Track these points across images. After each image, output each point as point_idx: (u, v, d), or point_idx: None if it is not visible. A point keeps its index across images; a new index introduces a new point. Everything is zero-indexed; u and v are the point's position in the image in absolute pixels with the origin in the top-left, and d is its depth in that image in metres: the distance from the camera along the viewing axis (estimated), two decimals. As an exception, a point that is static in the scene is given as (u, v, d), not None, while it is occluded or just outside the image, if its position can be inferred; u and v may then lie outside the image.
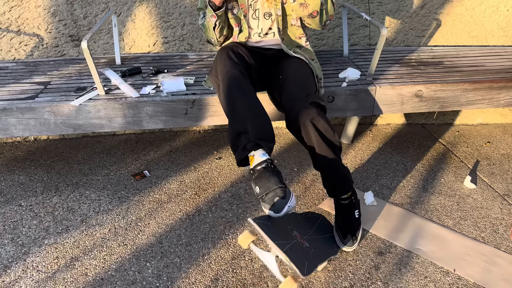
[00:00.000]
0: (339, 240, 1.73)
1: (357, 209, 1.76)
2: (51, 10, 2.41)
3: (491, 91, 2.20)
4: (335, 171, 1.67)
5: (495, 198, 2.12)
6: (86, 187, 2.17)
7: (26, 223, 1.91)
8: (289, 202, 1.41)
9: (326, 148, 1.61)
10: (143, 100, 1.95)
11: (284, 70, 1.82)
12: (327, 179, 1.71)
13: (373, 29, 2.70)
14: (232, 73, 1.59)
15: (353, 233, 1.73)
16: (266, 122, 1.55)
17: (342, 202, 1.74)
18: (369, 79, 2.18)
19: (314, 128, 1.59)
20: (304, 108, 1.60)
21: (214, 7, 1.77)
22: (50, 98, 1.95)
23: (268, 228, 1.45)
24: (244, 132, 1.50)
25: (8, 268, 1.67)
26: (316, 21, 1.85)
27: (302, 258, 1.46)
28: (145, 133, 2.74)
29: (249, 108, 1.52)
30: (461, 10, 2.69)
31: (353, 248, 1.74)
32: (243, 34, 1.91)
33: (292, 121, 1.65)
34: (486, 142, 2.66)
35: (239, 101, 1.54)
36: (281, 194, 1.40)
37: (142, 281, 1.61)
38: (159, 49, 2.60)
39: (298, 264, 1.40)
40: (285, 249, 1.43)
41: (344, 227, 1.73)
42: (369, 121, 2.88)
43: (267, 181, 1.43)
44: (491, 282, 1.62)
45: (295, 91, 1.69)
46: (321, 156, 1.63)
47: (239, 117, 1.52)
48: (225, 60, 1.66)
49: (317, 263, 1.51)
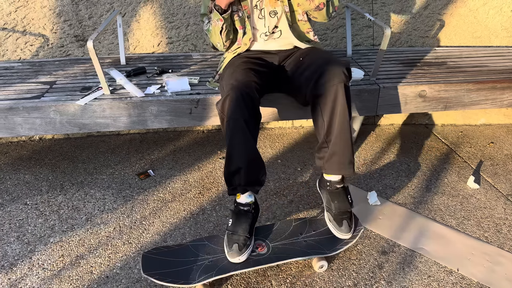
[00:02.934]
0: (335, 229, 1.66)
1: (349, 194, 1.72)
2: (57, 10, 2.43)
3: (495, 91, 2.20)
4: (346, 145, 1.62)
5: (498, 198, 2.12)
6: (91, 186, 2.18)
7: (31, 221, 1.93)
8: (242, 255, 1.57)
9: (347, 117, 1.60)
10: (148, 100, 1.96)
11: (305, 53, 1.84)
12: (333, 155, 1.64)
13: (376, 30, 2.71)
14: (236, 119, 1.58)
15: (349, 219, 1.67)
16: (258, 167, 1.65)
17: (337, 186, 1.69)
18: (372, 79, 2.19)
19: (345, 92, 1.58)
20: (341, 70, 1.60)
21: (220, 10, 1.78)
22: (56, 98, 1.97)
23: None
24: (238, 173, 1.62)
25: (14, 266, 1.68)
26: (323, 13, 1.85)
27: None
28: (149, 132, 2.76)
29: (246, 155, 1.60)
30: (464, 10, 2.69)
31: (350, 235, 1.66)
32: (247, 36, 1.92)
33: (324, 82, 1.61)
34: (490, 143, 2.67)
35: (238, 147, 1.60)
36: (241, 244, 1.58)
37: (146, 279, 1.62)
38: (164, 49, 2.61)
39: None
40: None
41: (339, 213, 1.66)
42: (372, 121, 2.88)
43: (239, 224, 1.62)
44: (495, 282, 1.63)
45: (329, 57, 1.70)
46: (340, 123, 1.60)
47: (235, 161, 1.60)
48: (234, 104, 1.58)
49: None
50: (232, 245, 1.58)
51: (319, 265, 1.66)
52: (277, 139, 2.67)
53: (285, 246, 1.67)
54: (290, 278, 1.64)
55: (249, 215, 1.65)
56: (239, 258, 1.57)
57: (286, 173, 2.31)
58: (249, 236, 1.61)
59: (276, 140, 2.66)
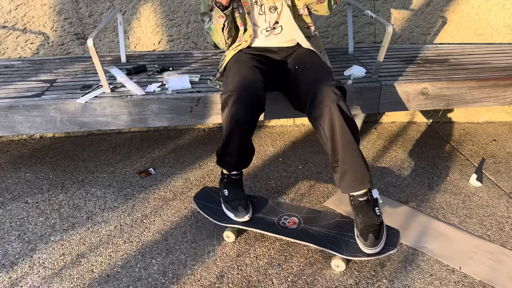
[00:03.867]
0: (361, 243, 1.59)
1: (377, 207, 1.63)
2: (57, 8, 2.42)
3: (497, 88, 2.19)
4: (356, 162, 1.58)
5: (501, 196, 2.11)
6: (92, 184, 2.18)
7: (32, 220, 1.92)
8: (248, 214, 1.75)
9: (349, 134, 1.57)
10: (149, 98, 1.95)
11: (301, 61, 1.84)
12: (345, 173, 1.61)
13: (378, 27, 2.69)
14: (238, 119, 1.64)
15: (376, 232, 1.57)
16: (248, 153, 1.79)
17: (359, 200, 1.62)
18: (374, 77, 2.17)
19: (339, 110, 1.57)
20: (330, 90, 1.61)
21: (221, 7, 1.77)
22: (56, 96, 1.96)
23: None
24: (229, 156, 1.76)
25: (15, 265, 1.68)
26: (325, 6, 1.84)
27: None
28: (150, 131, 2.75)
29: (240, 145, 1.72)
30: (466, 7, 2.67)
31: (377, 250, 1.57)
32: (248, 33, 1.91)
33: (317, 105, 1.62)
34: (492, 140, 2.65)
35: (234, 138, 1.69)
36: (244, 205, 1.76)
37: (147, 278, 1.62)
38: (164, 47, 2.60)
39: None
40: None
41: (364, 227, 1.58)
42: (374, 119, 2.87)
43: (236, 191, 1.80)
44: (497, 280, 1.62)
45: (318, 76, 1.70)
46: (343, 142, 1.57)
47: (230, 148, 1.73)
48: (242, 106, 1.63)
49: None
50: (237, 208, 1.75)
51: (335, 264, 1.65)
52: (279, 137, 2.66)
53: (314, 232, 1.72)
54: (292, 277, 1.63)
55: (241, 181, 1.85)
56: (248, 216, 1.75)
57: (287, 171, 2.30)
58: (246, 198, 1.80)
59: (277, 138, 2.65)
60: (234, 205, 1.76)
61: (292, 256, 1.73)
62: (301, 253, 1.74)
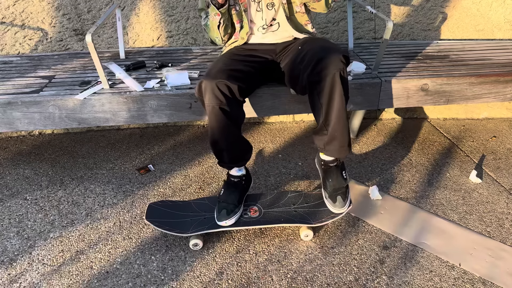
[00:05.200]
0: (330, 205, 1.74)
1: (344, 170, 1.77)
2: (55, 4, 2.41)
3: (498, 84, 2.18)
4: (345, 130, 1.66)
5: (501, 192, 2.10)
6: (91, 181, 2.17)
7: (31, 216, 1.92)
8: (229, 219, 1.71)
9: (344, 104, 1.62)
10: (148, 94, 1.94)
11: (302, 42, 1.83)
12: (333, 140, 1.68)
13: (378, 23, 2.68)
14: (213, 109, 1.62)
15: (343, 194, 1.73)
16: (240, 148, 1.75)
17: (330, 165, 1.76)
18: (374, 73, 2.17)
19: (341, 80, 1.59)
20: (338, 59, 1.60)
21: (217, 5, 1.76)
22: (55, 92, 1.95)
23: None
24: (222, 152, 1.73)
25: (14, 261, 1.68)
26: (322, 4, 1.83)
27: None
28: (149, 127, 2.74)
29: (226, 139, 1.68)
30: (467, 3, 2.66)
31: (344, 210, 1.72)
32: (244, 30, 1.90)
33: (320, 70, 1.62)
34: (492, 137, 2.65)
35: (217, 131, 1.66)
36: (229, 210, 1.73)
37: (147, 274, 1.62)
38: (163, 43, 2.59)
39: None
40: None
41: (334, 189, 1.73)
42: (374, 115, 2.87)
43: (228, 194, 1.77)
44: (497, 277, 1.62)
45: (325, 44, 1.70)
46: (338, 111, 1.62)
47: (218, 143, 1.70)
48: (209, 92, 1.62)
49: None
50: (221, 211, 1.72)
51: (304, 234, 1.76)
52: (278, 134, 2.66)
53: (276, 213, 1.79)
54: (291, 273, 1.63)
55: (239, 186, 1.79)
56: (226, 222, 1.70)
57: (287, 168, 2.29)
58: (237, 204, 1.75)
59: (276, 135, 2.64)
60: (220, 207, 1.74)
61: (291, 253, 1.72)
62: (300, 250, 1.74)
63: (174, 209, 1.83)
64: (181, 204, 1.86)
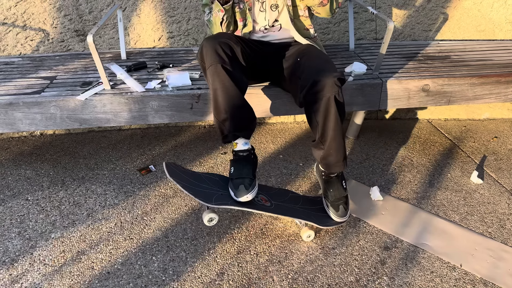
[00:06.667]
0: (333, 214, 1.77)
1: (343, 180, 1.82)
2: (57, 5, 2.41)
3: (499, 85, 2.18)
4: (341, 149, 1.71)
5: (502, 193, 2.10)
6: (92, 181, 2.18)
7: (32, 217, 1.92)
8: (249, 193, 1.62)
9: (340, 126, 1.66)
10: (149, 95, 1.95)
11: (302, 53, 1.84)
12: (328, 156, 1.73)
13: (379, 23, 2.68)
14: (216, 67, 1.61)
15: (344, 204, 1.78)
16: (245, 113, 1.70)
17: (331, 176, 1.79)
18: (375, 74, 2.17)
19: (336, 104, 1.62)
20: (333, 82, 1.62)
21: (221, 1, 1.76)
22: (56, 93, 1.96)
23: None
24: (226, 121, 1.68)
25: (15, 262, 1.68)
26: (327, 9, 1.84)
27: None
28: (150, 128, 2.75)
29: (229, 101, 1.64)
30: (468, 3, 2.66)
31: (346, 218, 1.78)
32: (247, 28, 1.90)
33: (315, 92, 1.64)
34: (493, 137, 2.64)
35: (220, 95, 1.64)
36: (247, 184, 1.64)
37: (148, 275, 1.62)
38: (164, 44, 2.59)
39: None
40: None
41: (336, 199, 1.77)
42: (375, 116, 2.87)
43: (241, 168, 1.68)
44: (498, 277, 1.61)
45: (321, 65, 1.71)
46: (333, 132, 1.67)
47: (221, 108, 1.66)
48: (211, 51, 1.64)
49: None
50: (238, 186, 1.63)
51: (306, 235, 1.76)
52: (279, 134, 2.66)
53: (286, 207, 1.77)
54: (292, 274, 1.63)
55: (249, 159, 1.72)
56: (247, 196, 1.61)
57: (288, 169, 2.29)
58: (253, 178, 1.67)
59: (277, 135, 2.64)
60: (236, 183, 1.65)
61: (292, 253, 1.72)
62: (301, 250, 1.74)
63: (189, 176, 1.71)
64: (193, 174, 1.74)
